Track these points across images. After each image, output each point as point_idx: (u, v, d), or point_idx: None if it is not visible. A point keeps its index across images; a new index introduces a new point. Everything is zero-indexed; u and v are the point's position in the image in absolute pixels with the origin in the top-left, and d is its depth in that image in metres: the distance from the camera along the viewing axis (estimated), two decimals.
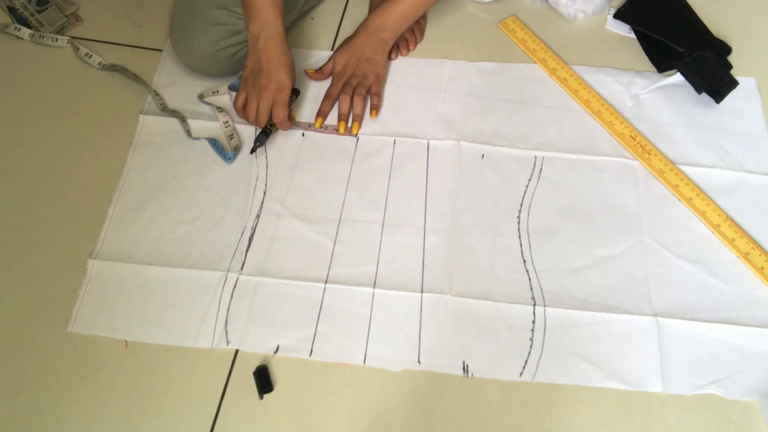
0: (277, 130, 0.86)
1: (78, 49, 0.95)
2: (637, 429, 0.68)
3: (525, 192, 0.82)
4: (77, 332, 0.73)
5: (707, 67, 0.89)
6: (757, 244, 0.77)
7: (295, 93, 0.87)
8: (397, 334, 0.73)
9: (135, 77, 0.92)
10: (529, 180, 0.83)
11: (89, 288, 0.76)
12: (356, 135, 0.87)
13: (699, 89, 0.89)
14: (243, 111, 0.84)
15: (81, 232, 0.80)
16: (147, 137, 0.88)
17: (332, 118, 0.89)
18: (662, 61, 0.93)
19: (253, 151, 0.84)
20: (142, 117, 0.89)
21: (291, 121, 0.86)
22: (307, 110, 0.90)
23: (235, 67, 0.89)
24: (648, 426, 0.68)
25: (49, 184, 0.84)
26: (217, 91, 0.90)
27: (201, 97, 0.90)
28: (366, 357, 0.72)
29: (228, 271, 0.77)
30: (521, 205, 0.81)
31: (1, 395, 0.70)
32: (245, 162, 0.85)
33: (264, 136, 0.84)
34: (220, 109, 0.89)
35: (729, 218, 0.79)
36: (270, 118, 0.83)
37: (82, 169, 0.85)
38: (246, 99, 0.83)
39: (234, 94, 0.87)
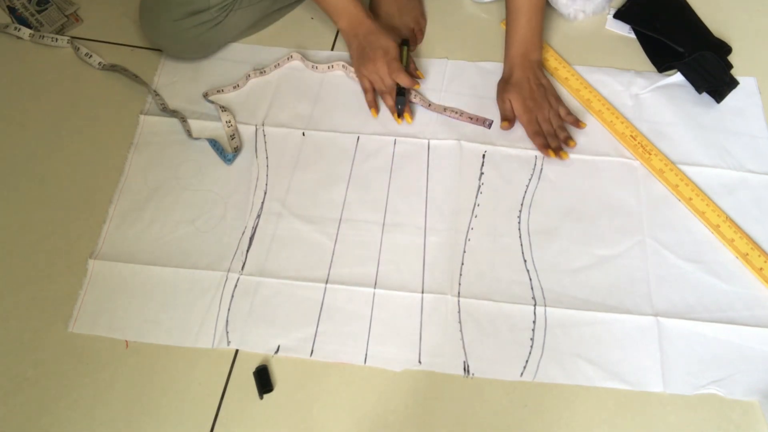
0: (409, 90, 0.88)
1: (78, 49, 0.95)
2: (637, 429, 0.68)
3: (525, 192, 0.82)
4: (77, 332, 0.73)
5: (707, 67, 0.89)
6: (756, 245, 0.77)
7: (405, 44, 0.89)
8: (398, 334, 0.73)
9: (135, 77, 0.92)
10: (530, 180, 0.83)
11: (90, 288, 0.76)
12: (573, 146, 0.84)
13: (699, 89, 0.89)
14: (373, 93, 0.88)
15: (81, 232, 0.80)
16: (147, 137, 0.88)
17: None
18: (662, 61, 0.93)
19: (400, 115, 0.86)
20: (142, 117, 0.89)
21: (415, 76, 0.89)
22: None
23: (201, 49, 0.91)
24: (648, 426, 0.68)
25: (50, 184, 0.84)
26: (222, 90, 0.90)
27: (205, 95, 0.90)
28: (366, 357, 0.72)
29: (228, 271, 0.77)
30: (522, 204, 0.81)
31: (1, 395, 0.70)
32: (246, 162, 0.85)
33: (401, 97, 0.86)
34: (224, 108, 0.88)
35: (728, 219, 0.79)
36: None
37: (82, 169, 0.85)
38: (370, 82, 0.88)
39: None
